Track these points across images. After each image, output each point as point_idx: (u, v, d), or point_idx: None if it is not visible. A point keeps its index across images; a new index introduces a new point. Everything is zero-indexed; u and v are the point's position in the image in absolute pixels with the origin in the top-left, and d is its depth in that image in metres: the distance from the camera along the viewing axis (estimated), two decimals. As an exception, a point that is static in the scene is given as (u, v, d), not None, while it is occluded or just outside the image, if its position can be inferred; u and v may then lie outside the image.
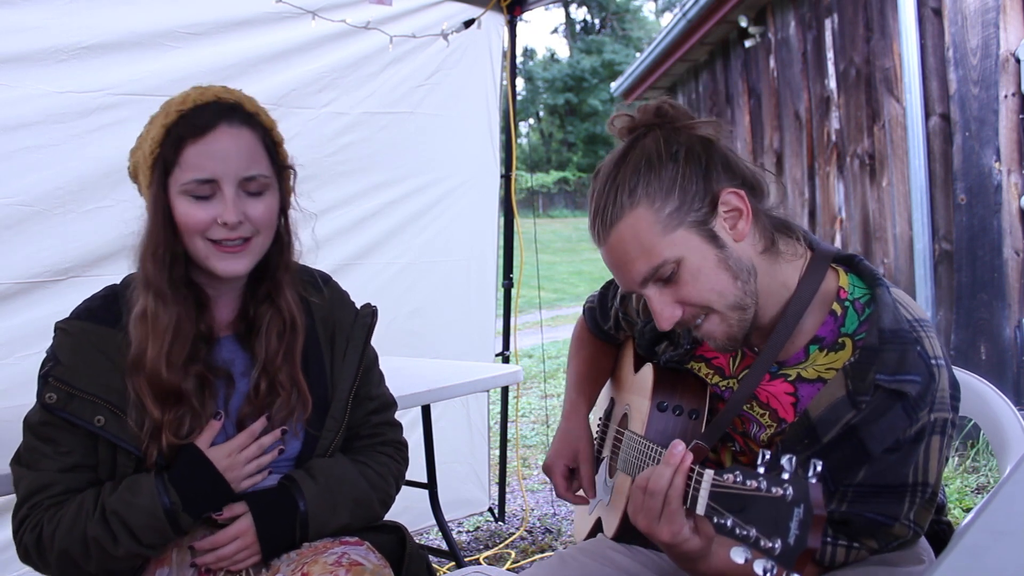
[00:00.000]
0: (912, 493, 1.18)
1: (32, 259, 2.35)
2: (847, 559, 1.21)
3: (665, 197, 1.19)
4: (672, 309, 1.22)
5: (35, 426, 1.35)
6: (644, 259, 1.19)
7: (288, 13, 2.81)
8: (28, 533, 1.31)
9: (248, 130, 1.34)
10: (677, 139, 1.22)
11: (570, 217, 28.47)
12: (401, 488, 1.62)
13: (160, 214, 1.32)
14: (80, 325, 1.37)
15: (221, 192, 1.31)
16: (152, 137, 1.31)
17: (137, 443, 1.33)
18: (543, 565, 1.49)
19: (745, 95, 6.70)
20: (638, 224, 1.19)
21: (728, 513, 0.97)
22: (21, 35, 2.29)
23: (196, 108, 1.31)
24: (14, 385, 2.29)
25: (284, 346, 1.42)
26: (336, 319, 1.53)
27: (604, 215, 1.22)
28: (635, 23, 37.28)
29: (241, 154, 1.32)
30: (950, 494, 3.77)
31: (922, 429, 1.16)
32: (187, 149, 1.29)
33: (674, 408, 1.42)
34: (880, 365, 1.15)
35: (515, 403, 4.24)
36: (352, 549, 1.34)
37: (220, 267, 1.34)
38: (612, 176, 1.22)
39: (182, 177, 1.30)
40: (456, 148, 3.48)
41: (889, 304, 1.20)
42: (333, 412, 1.48)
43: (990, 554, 0.68)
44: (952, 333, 4.38)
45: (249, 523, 1.36)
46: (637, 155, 1.21)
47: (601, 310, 1.71)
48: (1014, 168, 4.07)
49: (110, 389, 1.33)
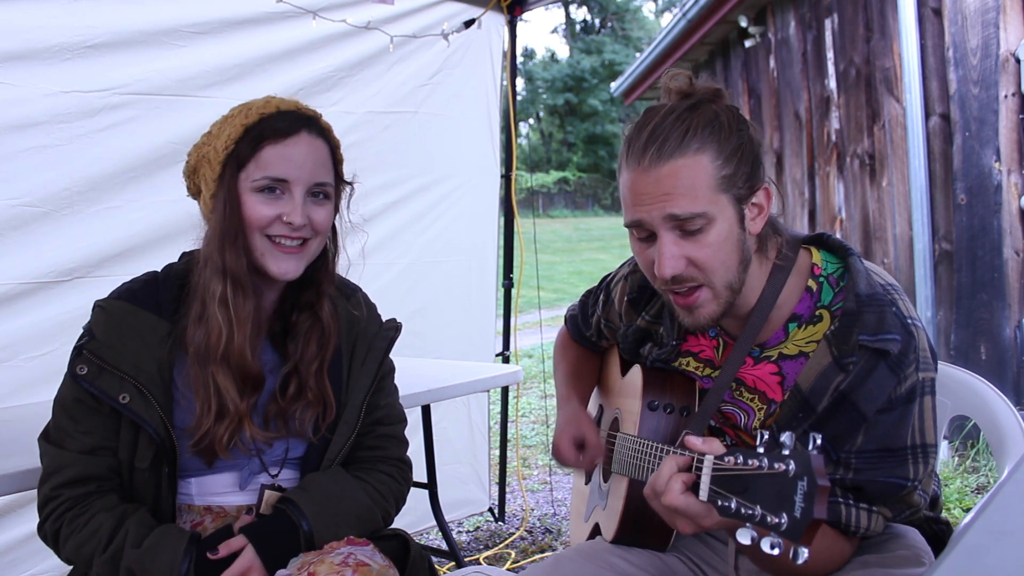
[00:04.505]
0: (914, 454, 1.21)
1: (39, 260, 2.36)
2: (870, 525, 1.22)
3: (727, 160, 1.21)
4: (679, 260, 1.22)
5: (64, 401, 1.38)
6: (687, 200, 1.19)
7: (290, 13, 2.82)
8: (49, 523, 1.35)
9: (323, 142, 1.42)
10: (745, 121, 1.25)
11: (570, 217, 28.46)
12: (401, 509, 1.60)
13: (233, 205, 1.36)
14: (119, 304, 1.40)
15: (290, 193, 1.37)
16: (228, 135, 1.36)
17: (159, 428, 1.34)
18: (539, 566, 1.49)
19: (745, 95, 6.70)
20: (698, 167, 1.19)
21: (731, 495, 0.97)
22: (25, 34, 2.29)
23: (279, 113, 1.38)
24: (21, 386, 2.31)
25: (319, 354, 1.46)
26: (361, 328, 1.56)
27: (665, 144, 1.20)
28: (635, 23, 37.22)
29: (315, 161, 1.39)
30: (950, 494, 3.77)
31: (912, 388, 1.20)
32: (265, 148, 1.35)
33: (665, 406, 1.43)
34: (861, 326, 1.20)
35: (515, 403, 4.25)
36: (358, 549, 1.34)
37: (274, 267, 1.39)
38: (684, 117, 1.21)
39: (256, 173, 1.35)
40: (457, 148, 3.49)
41: (862, 271, 1.26)
42: (347, 417, 1.49)
43: (990, 554, 0.69)
44: (952, 333, 4.39)
45: (252, 556, 1.34)
46: (710, 113, 1.22)
47: (583, 318, 1.75)
48: (1014, 168, 4.08)
49: (139, 369, 1.35)
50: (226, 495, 1.44)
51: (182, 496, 1.43)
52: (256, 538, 1.35)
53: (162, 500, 1.40)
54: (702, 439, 1.07)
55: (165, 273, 1.47)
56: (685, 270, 1.23)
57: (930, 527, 1.37)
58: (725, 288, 1.25)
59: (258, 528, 1.38)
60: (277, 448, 1.46)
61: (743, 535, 0.94)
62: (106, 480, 1.37)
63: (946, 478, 3.93)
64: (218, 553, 1.33)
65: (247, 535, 1.36)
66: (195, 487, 1.43)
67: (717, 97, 1.25)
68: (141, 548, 1.30)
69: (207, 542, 1.35)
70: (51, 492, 1.35)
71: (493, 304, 3.73)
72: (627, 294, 1.56)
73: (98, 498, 1.35)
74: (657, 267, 1.23)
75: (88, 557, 1.32)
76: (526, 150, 5.66)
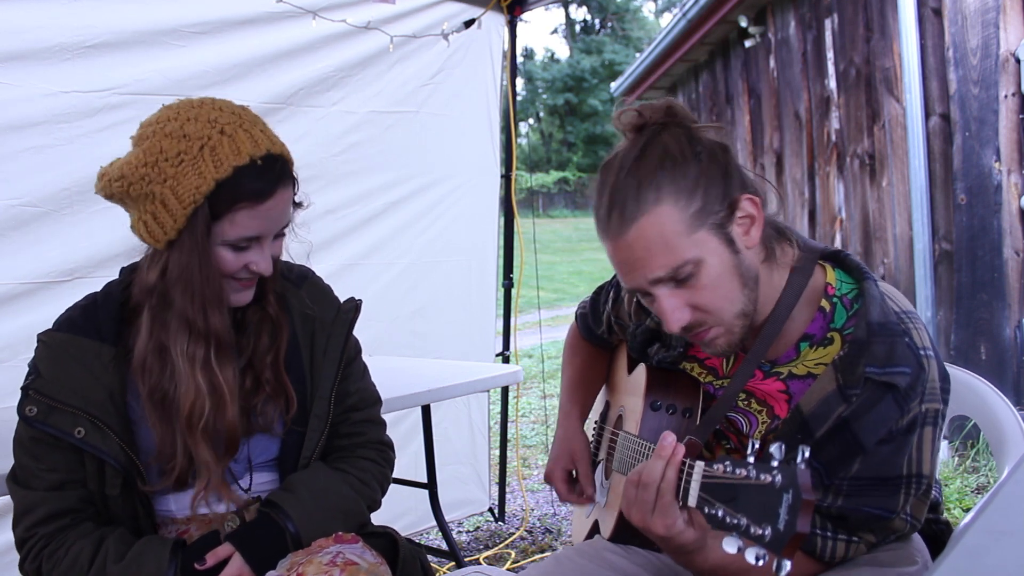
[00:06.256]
0: (907, 485, 1.19)
1: (38, 260, 2.36)
2: (847, 553, 1.22)
3: (690, 196, 1.15)
4: (682, 311, 1.19)
5: (22, 441, 1.35)
6: (665, 257, 1.16)
7: (290, 12, 2.82)
8: (29, 562, 1.32)
9: (291, 189, 1.35)
10: (697, 140, 1.19)
11: (570, 217, 28.44)
12: (387, 491, 1.58)
13: (206, 262, 1.29)
14: (59, 336, 1.36)
15: (260, 245, 1.33)
16: (195, 186, 1.24)
17: (120, 457, 1.31)
18: (538, 566, 1.49)
19: (745, 95, 6.70)
20: (663, 221, 1.15)
21: (719, 503, 0.97)
22: (25, 34, 2.29)
23: (254, 167, 1.27)
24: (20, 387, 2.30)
25: (273, 345, 1.43)
26: (316, 316, 1.50)
27: (624, 209, 1.16)
28: (635, 23, 37.21)
29: (285, 212, 1.35)
30: (950, 494, 3.77)
31: (914, 420, 1.17)
32: (241, 211, 1.27)
33: (667, 407, 1.42)
34: (869, 357, 1.16)
35: (515, 403, 4.25)
36: (347, 547, 1.33)
37: (234, 299, 1.36)
38: (633, 170, 1.17)
39: (229, 233, 1.28)
40: (457, 148, 3.49)
41: (876, 297, 1.21)
42: (316, 411, 1.46)
43: (990, 554, 0.69)
44: (952, 333, 4.39)
45: (240, 563, 1.32)
46: (658, 151, 1.17)
47: (593, 315, 1.72)
48: (1014, 168, 4.07)
49: (89, 401, 1.31)
50: (209, 505, 1.42)
51: (163, 512, 1.41)
52: (242, 544, 1.34)
53: (140, 521, 1.38)
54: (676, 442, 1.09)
55: (103, 294, 1.42)
56: (692, 317, 1.20)
57: (930, 527, 1.36)
58: (736, 319, 1.21)
59: (244, 534, 1.37)
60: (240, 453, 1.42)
61: (729, 544, 0.93)
62: (79, 511, 1.34)
63: (946, 478, 3.93)
64: (205, 563, 1.31)
65: (233, 542, 1.34)
66: (174, 503, 1.41)
67: (670, 115, 1.22)
68: (124, 560, 1.28)
69: (192, 549, 1.33)
70: (25, 533, 1.32)
71: (493, 304, 3.73)
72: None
73: (73, 529, 1.32)
74: (664, 325, 1.21)
75: None
76: (526, 150, 5.66)
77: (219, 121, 1.27)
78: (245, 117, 1.31)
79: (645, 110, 1.22)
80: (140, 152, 1.27)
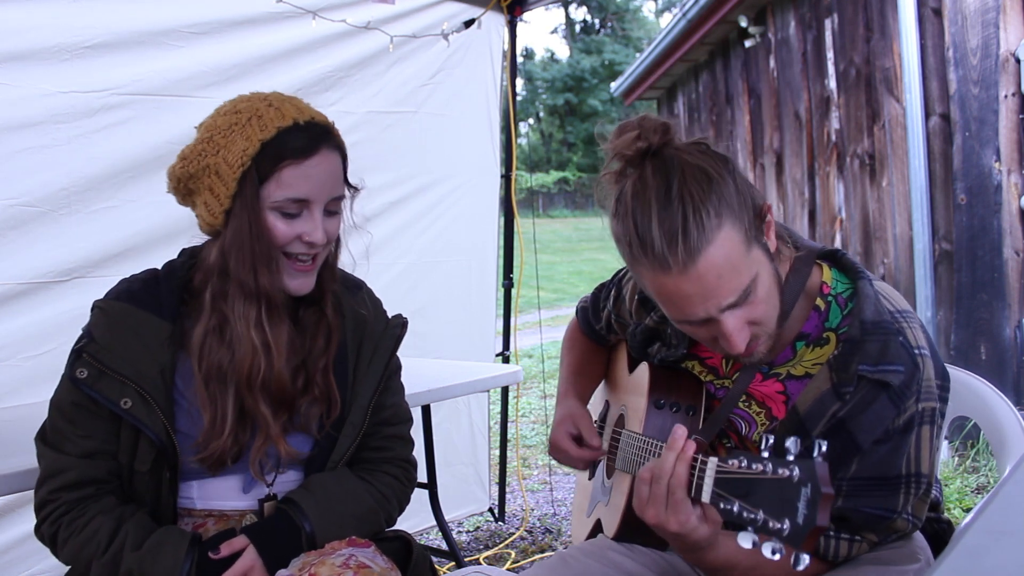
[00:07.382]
0: (907, 484, 1.20)
1: (37, 260, 2.35)
2: (850, 552, 1.22)
3: (739, 214, 1.13)
4: (744, 331, 1.16)
5: (61, 404, 1.35)
6: (735, 280, 1.12)
7: (289, 13, 2.82)
8: (47, 525, 1.33)
9: (338, 154, 1.39)
10: (714, 154, 1.17)
11: (570, 217, 28.46)
12: (404, 509, 1.59)
13: (258, 225, 1.32)
14: (119, 306, 1.37)
15: (310, 212, 1.34)
16: (242, 149, 1.30)
17: (161, 434, 1.33)
18: (544, 565, 1.49)
19: (745, 95, 6.70)
20: (728, 244, 1.11)
21: (734, 498, 0.97)
22: (24, 34, 2.29)
23: (297, 127, 1.32)
24: (20, 385, 2.30)
25: (326, 350, 1.45)
26: (367, 326, 1.54)
27: (687, 239, 1.09)
28: (635, 23, 37.23)
29: (332, 177, 1.37)
30: (950, 494, 3.77)
31: (911, 419, 1.18)
32: (286, 169, 1.31)
33: (671, 405, 1.43)
34: (862, 356, 1.17)
35: (515, 403, 4.25)
36: (360, 551, 1.33)
37: (292, 285, 1.38)
38: (679, 197, 1.10)
39: (276, 194, 1.31)
40: (457, 148, 3.49)
41: (871, 296, 1.21)
42: (352, 418, 1.48)
43: (990, 554, 0.69)
44: (952, 333, 4.39)
45: (254, 556, 1.33)
46: (691, 173, 1.12)
47: (594, 311, 1.73)
48: (1014, 168, 4.07)
49: (140, 374, 1.33)
50: (229, 499, 1.43)
51: (183, 500, 1.42)
52: (257, 538, 1.35)
53: (162, 503, 1.39)
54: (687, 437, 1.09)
55: (166, 271, 1.43)
56: (751, 333, 1.19)
57: (931, 526, 1.37)
58: (776, 325, 1.22)
59: (260, 528, 1.37)
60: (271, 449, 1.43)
61: (744, 539, 0.94)
62: (105, 483, 1.36)
63: (946, 478, 3.93)
64: (219, 552, 1.32)
65: (248, 535, 1.35)
66: (196, 490, 1.42)
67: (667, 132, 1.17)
68: (142, 549, 1.30)
69: (208, 544, 1.34)
70: (48, 495, 1.33)
71: (493, 304, 3.73)
72: (638, 292, 1.54)
73: (95, 501, 1.34)
74: (729, 347, 1.18)
75: (87, 560, 1.31)
76: (526, 150, 5.66)
77: (268, 97, 1.36)
78: (294, 98, 1.38)
79: (645, 134, 1.18)
80: (197, 135, 1.36)
